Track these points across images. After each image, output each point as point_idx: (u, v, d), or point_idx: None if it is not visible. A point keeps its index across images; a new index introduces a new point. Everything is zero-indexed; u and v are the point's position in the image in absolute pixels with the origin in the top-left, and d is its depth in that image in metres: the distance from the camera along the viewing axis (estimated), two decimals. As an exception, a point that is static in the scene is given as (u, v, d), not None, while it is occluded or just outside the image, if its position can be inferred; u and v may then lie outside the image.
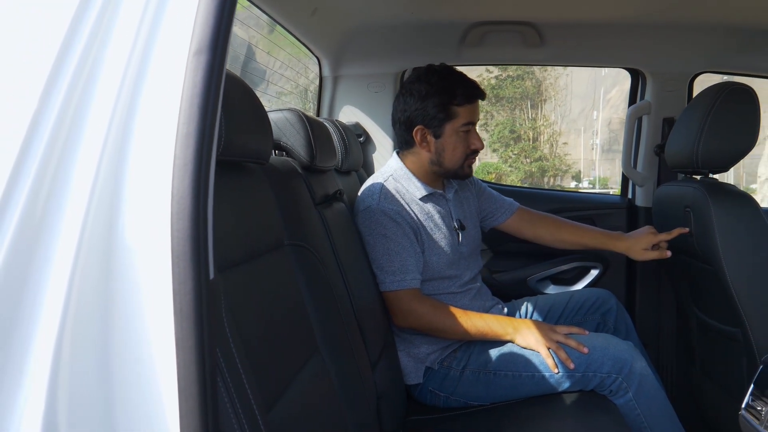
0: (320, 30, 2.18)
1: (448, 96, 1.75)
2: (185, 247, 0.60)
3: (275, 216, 1.21)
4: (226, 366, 0.77)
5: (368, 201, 1.75)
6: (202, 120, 0.61)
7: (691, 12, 2.00)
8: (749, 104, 1.69)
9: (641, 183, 2.36)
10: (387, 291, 1.71)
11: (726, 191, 1.69)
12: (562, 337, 1.67)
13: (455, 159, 1.81)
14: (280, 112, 1.47)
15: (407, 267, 1.70)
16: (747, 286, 1.61)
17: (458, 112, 1.77)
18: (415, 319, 1.71)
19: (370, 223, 1.72)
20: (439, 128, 1.78)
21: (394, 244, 1.70)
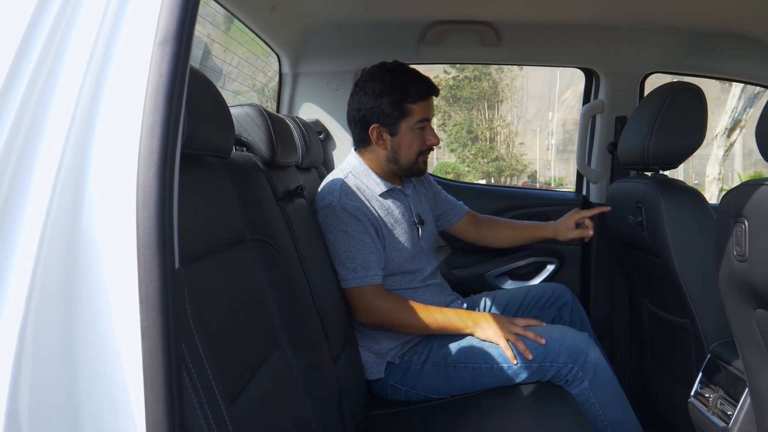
0: (280, 27, 2.18)
1: (402, 93, 1.77)
2: (151, 236, 0.60)
3: (237, 211, 1.20)
4: (190, 357, 0.77)
5: (329, 198, 1.75)
6: (167, 110, 0.61)
7: (643, 14, 2.07)
8: (697, 103, 1.76)
9: (595, 180, 2.43)
10: (349, 288, 1.71)
11: (676, 187, 1.75)
12: (521, 329, 1.71)
13: (410, 156, 1.83)
14: (241, 107, 1.46)
15: (369, 263, 1.71)
16: (695, 277, 1.67)
17: (413, 110, 1.78)
18: (377, 315, 1.72)
19: (331, 220, 1.72)
20: (395, 126, 1.79)
21: (355, 241, 1.71)
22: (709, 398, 1.56)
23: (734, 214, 1.17)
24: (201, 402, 0.75)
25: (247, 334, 1.08)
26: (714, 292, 1.68)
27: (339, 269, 1.72)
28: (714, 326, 1.66)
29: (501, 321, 1.74)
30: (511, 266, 2.44)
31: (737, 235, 1.16)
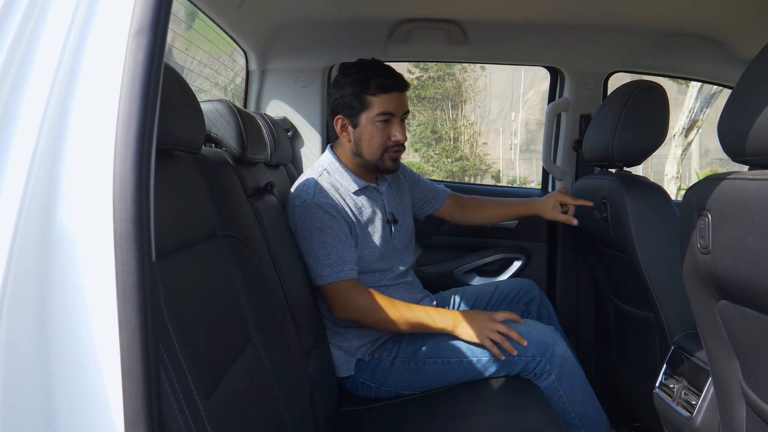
0: (247, 23, 2.16)
1: (362, 86, 1.76)
2: (128, 228, 0.59)
3: (207, 207, 1.19)
4: (165, 352, 0.76)
5: (303, 196, 1.74)
6: (144, 100, 0.61)
7: (606, 14, 2.11)
8: (659, 101, 1.80)
9: (560, 177, 2.47)
10: (326, 284, 1.70)
11: (639, 183, 1.79)
12: (504, 327, 1.71)
13: (373, 150, 1.80)
14: (210, 103, 1.45)
15: (344, 258, 1.71)
16: (659, 272, 1.71)
17: (372, 102, 1.77)
18: (355, 310, 1.71)
19: (305, 218, 1.72)
20: (356, 117, 1.79)
21: (330, 237, 1.70)
22: (674, 389, 1.60)
23: (698, 208, 1.20)
24: (177, 396, 0.74)
25: (220, 330, 1.07)
26: (677, 286, 1.72)
27: (314, 266, 1.70)
28: (677, 319, 1.70)
29: (481, 319, 1.73)
30: (479, 263, 2.46)
31: (701, 228, 1.19)
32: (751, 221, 1.01)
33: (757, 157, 1.02)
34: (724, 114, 1.15)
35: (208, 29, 2.27)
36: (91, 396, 0.60)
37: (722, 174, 1.15)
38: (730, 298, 1.16)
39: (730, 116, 1.12)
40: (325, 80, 2.42)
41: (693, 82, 10.96)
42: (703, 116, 11.80)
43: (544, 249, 2.49)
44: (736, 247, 1.06)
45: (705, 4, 1.96)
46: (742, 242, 1.04)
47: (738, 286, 1.10)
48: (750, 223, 1.01)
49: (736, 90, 1.10)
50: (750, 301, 1.08)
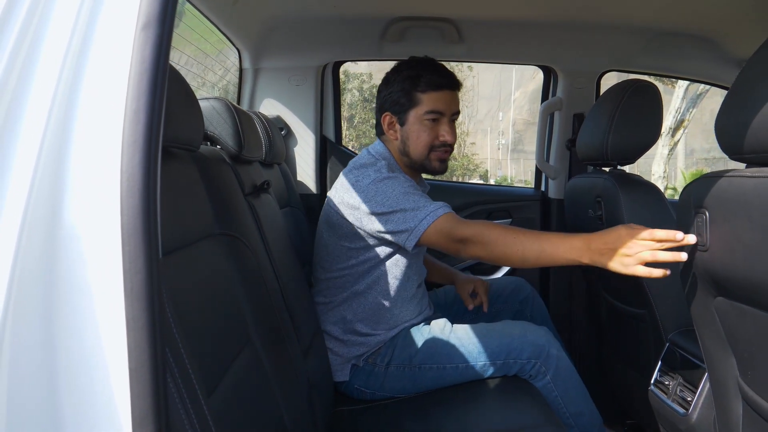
0: (241, 21, 2.15)
1: (411, 82, 1.72)
2: (136, 225, 0.59)
3: (205, 205, 1.18)
4: (170, 350, 0.75)
5: (374, 174, 1.65)
6: (151, 96, 0.60)
7: (599, 13, 2.12)
8: (653, 100, 1.81)
9: (554, 176, 2.47)
10: (437, 218, 1.56)
11: (634, 181, 1.80)
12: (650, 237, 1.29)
13: (419, 149, 1.74)
14: (206, 100, 1.44)
15: (428, 200, 1.61)
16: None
17: (421, 99, 1.72)
18: (471, 235, 1.52)
19: (385, 189, 1.62)
20: (404, 115, 1.74)
21: (418, 195, 1.62)
22: (669, 386, 1.61)
23: (695, 205, 1.20)
24: (182, 396, 0.73)
25: (220, 329, 1.06)
26: (671, 283, 1.72)
27: (410, 224, 1.57)
28: (671, 316, 1.71)
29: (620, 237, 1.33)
30: (472, 261, 2.46)
31: (698, 226, 1.19)
32: (749, 218, 1.01)
33: (755, 154, 1.03)
34: (722, 112, 1.15)
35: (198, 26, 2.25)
36: (98, 396, 0.59)
37: (720, 172, 1.16)
38: (728, 295, 1.17)
39: (727, 114, 1.13)
40: (319, 79, 2.41)
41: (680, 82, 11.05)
42: (690, 116, 11.90)
43: None
44: (734, 244, 1.07)
45: (698, 4, 1.97)
46: (740, 239, 1.05)
47: (736, 283, 1.11)
48: (748, 220, 1.01)
49: (734, 88, 1.11)
50: (748, 298, 1.08)
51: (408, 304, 1.81)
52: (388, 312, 1.77)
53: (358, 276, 1.75)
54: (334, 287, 1.78)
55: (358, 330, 1.77)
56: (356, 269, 1.74)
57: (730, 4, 1.95)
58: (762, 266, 0.99)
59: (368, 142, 24.11)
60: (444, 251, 1.62)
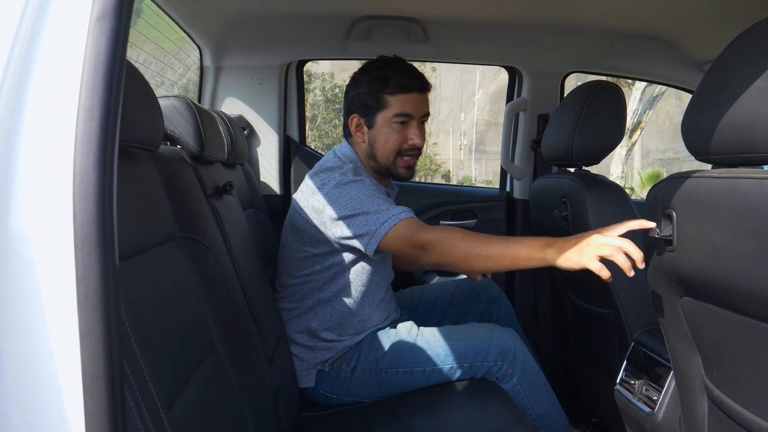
0: (202, 17, 2.09)
1: (379, 84, 1.67)
2: (90, 230, 0.55)
3: (165, 207, 1.13)
4: (127, 362, 0.71)
5: (339, 177, 1.61)
6: (107, 91, 0.56)
7: (564, 15, 2.13)
8: (617, 101, 1.82)
9: (519, 176, 2.48)
10: (397, 223, 1.52)
11: (598, 182, 1.81)
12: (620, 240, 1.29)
13: (387, 152, 1.70)
14: (166, 99, 1.38)
15: (391, 204, 1.58)
16: (618, 268, 1.72)
17: (390, 101, 1.68)
18: (439, 243, 1.47)
19: (349, 191, 1.58)
20: (372, 117, 1.70)
21: (382, 199, 1.58)
22: (634, 385, 1.62)
23: (662, 206, 1.21)
24: (140, 409, 0.69)
25: (182, 337, 1.02)
26: (636, 283, 1.74)
27: (372, 223, 1.54)
28: (636, 315, 1.72)
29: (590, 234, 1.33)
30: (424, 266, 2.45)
31: (666, 226, 1.20)
32: (717, 219, 1.01)
33: (721, 155, 1.03)
34: (688, 113, 1.16)
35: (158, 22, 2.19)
36: (50, 414, 0.55)
37: (687, 172, 1.16)
38: (694, 294, 1.18)
39: (693, 116, 1.13)
40: (282, 78, 2.37)
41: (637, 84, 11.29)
42: (646, 118, 12.18)
43: None
44: (702, 244, 1.07)
45: (658, 7, 2.00)
46: (708, 240, 1.05)
47: (703, 283, 1.11)
48: (716, 221, 1.02)
49: (700, 89, 1.11)
50: (715, 297, 1.09)
51: (375, 310, 1.79)
52: (355, 318, 1.74)
53: (323, 282, 1.71)
54: (299, 294, 1.74)
55: (323, 337, 1.73)
56: (321, 275, 1.70)
57: (689, 7, 1.98)
58: (730, 266, 0.99)
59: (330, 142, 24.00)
60: (405, 258, 1.58)
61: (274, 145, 2.38)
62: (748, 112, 0.94)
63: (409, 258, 1.54)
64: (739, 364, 1.09)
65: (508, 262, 1.44)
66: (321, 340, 1.73)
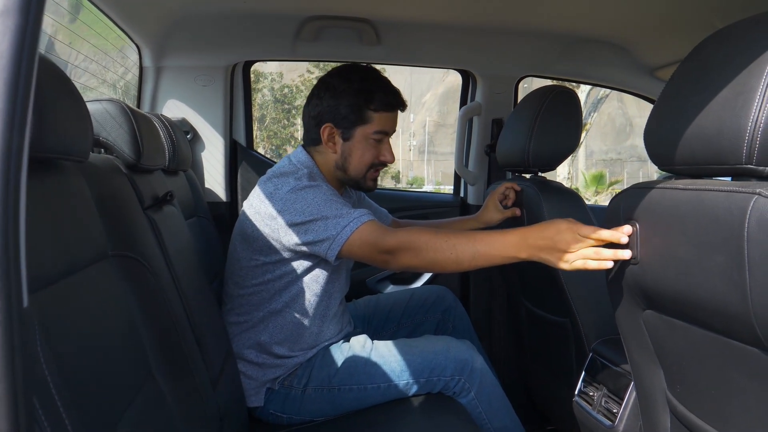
0: (141, 14, 1.97)
1: (365, 98, 1.62)
2: None
3: (96, 223, 1.03)
4: (44, 413, 0.62)
5: (294, 182, 1.54)
6: (11, 96, 0.47)
7: (517, 18, 2.10)
8: (573, 106, 1.80)
9: (473, 182, 2.44)
10: (358, 227, 1.46)
11: (555, 189, 1.78)
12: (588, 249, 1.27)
13: (360, 167, 1.66)
14: (98, 103, 1.27)
15: (350, 208, 1.52)
16: (576, 278, 1.70)
17: (373, 118, 1.63)
18: (406, 246, 1.43)
19: (305, 196, 1.51)
20: (350, 130, 1.64)
21: (341, 204, 1.51)
22: (594, 396, 1.59)
23: (625, 217, 1.17)
24: None
25: (114, 367, 0.92)
26: (594, 293, 1.72)
27: (333, 227, 1.47)
28: (594, 325, 1.69)
29: (560, 231, 1.30)
30: (392, 270, 2.39)
31: (628, 238, 1.17)
32: (683, 232, 0.98)
33: (687, 166, 1.00)
34: (652, 121, 1.12)
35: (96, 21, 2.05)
36: None
37: (649, 183, 1.13)
38: (657, 308, 1.15)
39: (657, 123, 1.10)
40: (228, 79, 2.26)
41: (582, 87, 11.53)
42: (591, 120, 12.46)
43: None
44: (668, 258, 1.04)
45: (609, 13, 1.99)
46: (673, 253, 1.02)
47: (667, 297, 1.08)
48: (682, 233, 0.98)
49: (664, 96, 1.08)
50: (679, 312, 1.06)
51: (329, 323, 1.71)
52: (308, 332, 1.66)
53: (274, 293, 1.62)
54: (248, 305, 1.64)
55: (274, 352, 1.64)
56: (272, 285, 1.62)
57: (640, 14, 1.97)
58: (696, 281, 0.96)
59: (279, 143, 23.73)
60: (370, 263, 1.52)
61: (220, 149, 2.27)
62: (715, 122, 0.91)
63: (375, 263, 1.50)
64: (705, 380, 1.06)
65: (482, 263, 1.41)
66: (271, 356, 1.64)
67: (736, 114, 0.87)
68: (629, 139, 38.10)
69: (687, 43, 2.04)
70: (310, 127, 1.68)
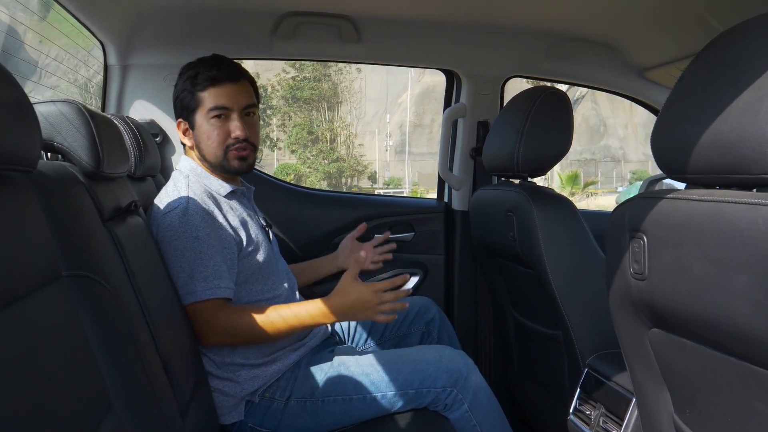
0: (105, 9, 1.83)
1: (191, 82, 1.61)
2: None
3: (47, 240, 0.92)
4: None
5: (174, 204, 1.52)
6: None
7: (503, 16, 2.02)
8: (563, 108, 1.72)
9: (458, 186, 2.35)
10: (197, 301, 1.47)
11: (547, 195, 1.69)
12: (390, 295, 1.55)
13: (213, 149, 1.61)
14: (52, 104, 1.15)
15: (221, 272, 1.49)
16: (570, 289, 1.62)
17: (202, 97, 1.60)
18: (224, 332, 1.51)
19: (178, 227, 1.49)
20: (192, 118, 1.62)
21: (207, 247, 1.48)
22: (590, 415, 1.51)
23: (631, 229, 1.09)
24: None
25: (67, 402, 0.82)
26: (589, 304, 1.64)
27: (187, 281, 1.47)
28: (589, 338, 1.62)
29: (361, 294, 1.53)
30: (374, 279, 2.29)
31: (635, 252, 1.08)
32: (699, 247, 0.90)
33: (702, 175, 0.92)
34: (661, 126, 1.04)
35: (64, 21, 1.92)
36: None
37: (659, 193, 1.04)
38: (665, 327, 1.07)
39: (667, 128, 1.02)
40: (199, 79, 2.14)
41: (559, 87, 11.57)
42: (568, 121, 12.49)
43: (442, 262, 2.37)
44: (680, 274, 0.96)
45: (597, 11, 1.91)
46: (687, 270, 0.93)
47: (678, 316, 1.00)
48: (698, 248, 0.90)
49: (674, 98, 1.00)
50: (690, 331, 0.98)
51: None
52: None
53: None
54: None
55: (238, 362, 1.56)
56: None
57: (628, 11, 1.90)
58: (713, 301, 0.88)
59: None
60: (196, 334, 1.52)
61: None
62: (735, 127, 0.82)
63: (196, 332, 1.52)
64: (719, 406, 0.98)
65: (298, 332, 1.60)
66: (238, 367, 1.56)
67: (760, 119, 0.79)
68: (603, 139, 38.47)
69: (678, 43, 1.98)
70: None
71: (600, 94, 3.55)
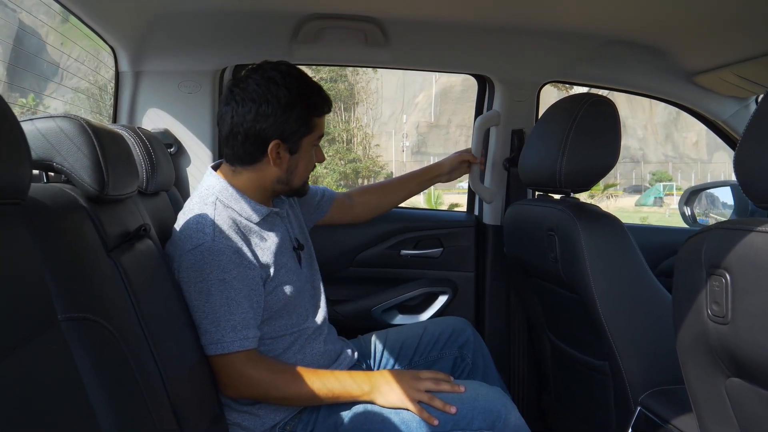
0: (116, 13, 1.72)
1: (309, 106, 1.47)
2: None
3: (39, 281, 0.80)
4: None
5: (198, 237, 1.37)
6: None
7: (542, 18, 1.87)
8: (611, 118, 1.58)
9: (490, 200, 2.20)
10: (224, 353, 1.35)
11: (593, 213, 1.55)
12: (431, 384, 1.44)
13: (304, 175, 1.56)
14: (51, 120, 1.02)
15: (248, 321, 1.37)
16: (620, 318, 1.48)
17: (316, 124, 1.51)
18: (251, 386, 1.39)
19: (203, 266, 1.35)
20: (297, 143, 1.48)
21: (235, 292, 1.36)
22: (645, 459, 1.37)
23: (709, 265, 0.95)
24: None
25: None
26: (642, 335, 1.50)
27: (211, 329, 1.35)
28: (641, 373, 1.47)
29: (404, 379, 1.45)
30: (400, 299, 2.16)
31: (714, 291, 0.94)
32: None
33: None
34: (745, 149, 0.90)
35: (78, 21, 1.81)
36: None
37: (744, 224, 0.90)
38: (749, 378, 0.93)
39: (753, 152, 0.88)
40: (216, 86, 2.01)
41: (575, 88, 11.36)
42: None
43: (472, 280, 2.23)
44: None
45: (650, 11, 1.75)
46: None
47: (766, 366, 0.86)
48: None
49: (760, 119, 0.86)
50: None
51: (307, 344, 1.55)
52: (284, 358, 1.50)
53: None
54: None
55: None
56: None
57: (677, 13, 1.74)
58: None
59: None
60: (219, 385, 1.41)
61: (207, 164, 2.02)
62: None
63: (221, 384, 1.41)
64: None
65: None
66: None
67: None
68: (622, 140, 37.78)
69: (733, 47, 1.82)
70: (248, 146, 1.46)
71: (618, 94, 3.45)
